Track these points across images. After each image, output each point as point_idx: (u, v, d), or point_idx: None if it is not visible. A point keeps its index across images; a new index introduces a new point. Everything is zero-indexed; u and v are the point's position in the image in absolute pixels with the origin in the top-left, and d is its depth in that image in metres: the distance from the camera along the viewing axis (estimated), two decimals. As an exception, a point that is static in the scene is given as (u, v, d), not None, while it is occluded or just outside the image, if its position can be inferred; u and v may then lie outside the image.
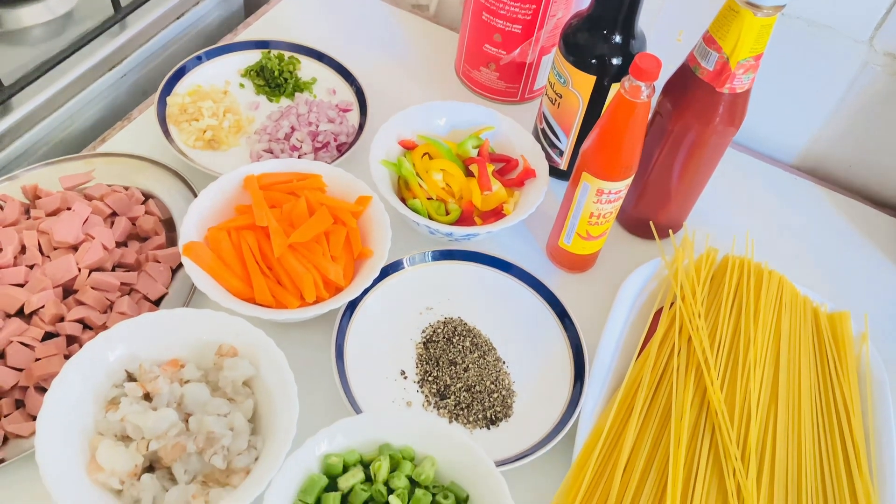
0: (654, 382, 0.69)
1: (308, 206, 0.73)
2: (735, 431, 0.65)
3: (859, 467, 0.66)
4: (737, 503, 0.61)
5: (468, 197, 0.80)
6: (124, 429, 0.59)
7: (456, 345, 0.74)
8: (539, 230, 0.86)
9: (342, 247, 0.72)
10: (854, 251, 0.91)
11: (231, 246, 0.70)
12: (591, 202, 0.73)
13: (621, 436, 0.65)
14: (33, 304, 0.66)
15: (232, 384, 0.62)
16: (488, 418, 0.69)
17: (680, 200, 0.82)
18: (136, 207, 0.77)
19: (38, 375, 0.63)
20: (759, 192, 0.96)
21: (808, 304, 0.78)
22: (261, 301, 0.69)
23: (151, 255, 0.74)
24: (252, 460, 0.59)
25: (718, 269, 0.79)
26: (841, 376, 0.72)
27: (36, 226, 0.72)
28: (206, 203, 0.73)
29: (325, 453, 0.58)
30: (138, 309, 0.70)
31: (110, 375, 0.61)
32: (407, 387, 0.71)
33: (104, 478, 0.56)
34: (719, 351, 0.70)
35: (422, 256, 0.79)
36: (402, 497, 0.56)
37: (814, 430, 0.68)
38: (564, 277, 0.83)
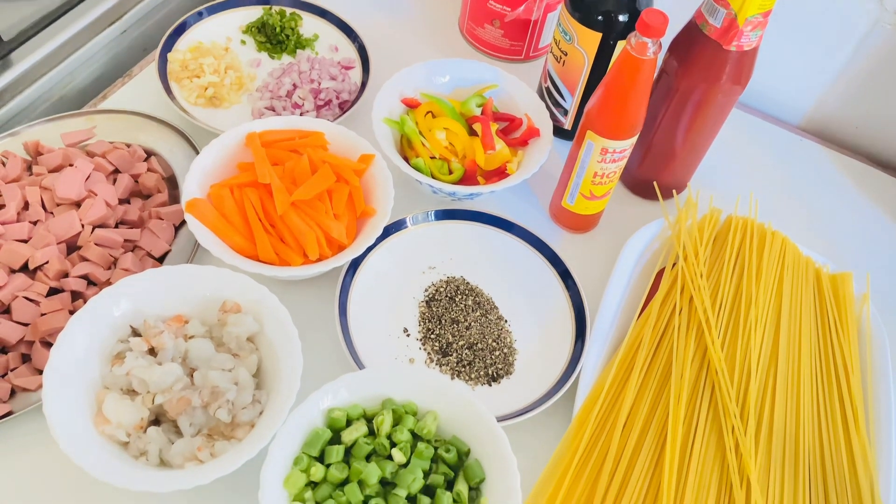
0: (655, 341, 0.69)
1: (310, 163, 0.73)
2: (734, 390, 0.65)
3: (856, 425, 0.66)
4: (735, 459, 0.61)
5: (471, 156, 0.80)
6: (130, 383, 0.60)
7: (458, 303, 0.74)
8: (542, 190, 0.86)
9: (345, 205, 0.72)
10: (858, 213, 0.90)
11: (234, 203, 0.70)
12: (596, 161, 0.73)
13: (621, 393, 0.66)
14: (37, 260, 0.66)
15: (236, 340, 0.63)
16: (490, 375, 0.70)
17: (684, 160, 0.82)
18: (138, 164, 0.77)
19: (44, 330, 0.63)
20: (764, 154, 0.95)
21: (811, 265, 0.78)
22: (264, 258, 0.69)
23: (154, 212, 0.74)
24: (256, 414, 0.60)
25: (721, 230, 0.79)
26: (841, 336, 0.72)
27: (38, 182, 0.72)
28: (209, 160, 0.73)
29: (329, 407, 0.59)
30: (142, 265, 0.70)
31: (115, 330, 0.62)
32: (409, 344, 0.71)
33: (111, 430, 0.57)
34: (720, 311, 0.71)
35: (424, 216, 0.79)
36: (404, 450, 0.57)
37: (813, 388, 0.68)
38: (567, 238, 0.83)
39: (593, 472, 0.61)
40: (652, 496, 0.60)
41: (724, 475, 0.61)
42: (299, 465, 0.56)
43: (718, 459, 0.62)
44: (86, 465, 0.53)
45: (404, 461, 0.57)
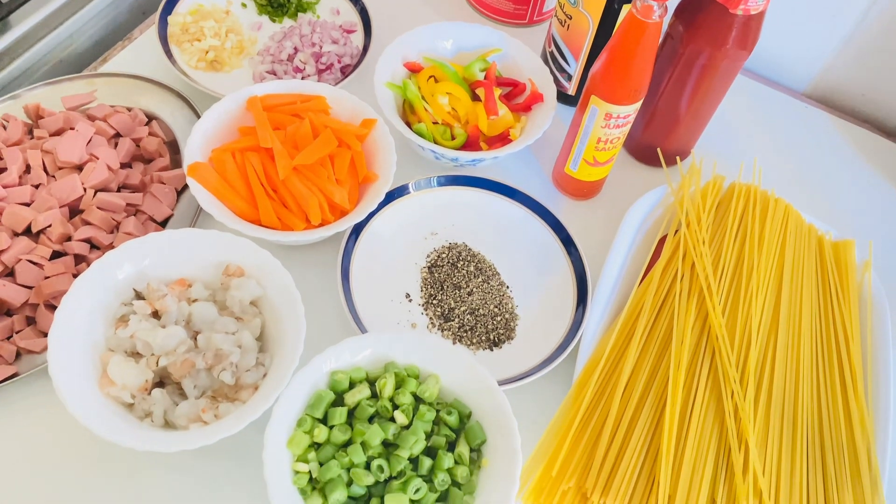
0: (657, 307, 0.70)
1: (312, 128, 0.72)
2: (735, 355, 0.66)
3: (855, 392, 0.67)
4: (733, 424, 0.62)
5: (474, 121, 0.79)
6: (134, 345, 0.60)
7: (460, 269, 0.74)
8: (545, 156, 0.85)
9: (347, 170, 0.72)
10: (863, 180, 0.90)
11: (236, 167, 0.70)
12: (599, 127, 0.72)
13: (622, 358, 0.67)
14: (40, 223, 0.66)
15: (239, 303, 0.63)
16: (491, 340, 0.70)
17: (688, 126, 0.81)
18: (139, 128, 0.76)
19: (48, 293, 0.64)
20: (768, 120, 0.94)
21: (813, 232, 0.78)
22: (266, 223, 0.69)
23: (156, 176, 0.73)
24: (260, 377, 0.60)
25: (725, 197, 0.78)
26: (842, 303, 0.72)
27: (39, 145, 0.71)
28: (210, 124, 0.72)
29: (332, 370, 0.59)
30: (144, 230, 0.70)
31: (119, 293, 0.62)
32: (412, 309, 0.72)
33: (116, 392, 0.58)
34: (722, 277, 0.71)
35: (427, 182, 0.79)
36: (406, 413, 0.58)
37: (812, 354, 0.69)
38: (570, 204, 0.83)
39: (593, 434, 0.62)
40: (651, 459, 0.60)
41: (723, 439, 0.62)
42: (303, 426, 0.56)
43: (717, 424, 0.63)
44: (92, 425, 0.53)
45: (406, 423, 0.58)
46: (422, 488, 0.55)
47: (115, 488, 0.59)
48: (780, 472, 0.61)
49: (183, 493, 0.60)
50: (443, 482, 0.56)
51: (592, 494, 0.58)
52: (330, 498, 0.54)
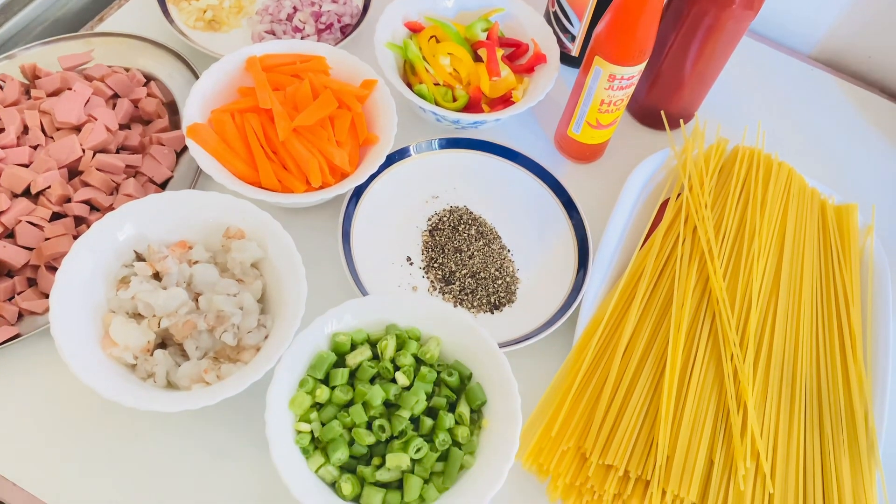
0: (658, 271, 0.70)
1: (312, 89, 0.71)
2: (735, 319, 0.66)
3: (854, 355, 0.67)
4: (732, 386, 0.62)
5: (476, 83, 0.78)
6: (135, 307, 0.60)
7: (461, 233, 0.74)
8: (548, 119, 0.85)
9: (347, 132, 0.71)
10: (868, 144, 0.89)
11: (235, 129, 0.69)
12: (603, 88, 0.71)
13: (622, 321, 0.67)
14: (39, 185, 0.66)
15: (240, 265, 0.63)
16: (492, 303, 0.70)
17: (693, 89, 0.80)
18: (137, 89, 0.75)
19: (49, 254, 0.64)
20: (773, 83, 0.93)
21: (816, 196, 0.78)
22: (266, 185, 0.68)
23: (155, 137, 0.73)
24: (262, 338, 0.60)
25: (728, 160, 0.78)
26: (843, 267, 0.72)
27: (37, 106, 0.71)
28: (209, 85, 0.71)
29: (334, 332, 0.59)
30: (144, 191, 0.70)
31: (119, 255, 0.62)
32: (413, 272, 0.72)
33: (118, 352, 0.58)
34: (724, 241, 0.71)
35: (428, 144, 0.78)
36: (408, 374, 0.58)
37: (813, 318, 0.69)
38: (572, 167, 0.82)
39: (592, 396, 0.63)
40: (650, 420, 0.61)
41: (722, 401, 0.62)
42: (305, 387, 0.57)
43: (716, 386, 0.63)
44: (95, 385, 0.54)
45: (408, 384, 0.58)
46: (423, 448, 0.55)
47: (118, 448, 0.60)
48: (777, 434, 0.61)
49: (185, 453, 0.60)
50: (443, 442, 0.56)
51: (591, 455, 0.58)
52: (332, 457, 0.54)
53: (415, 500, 0.54)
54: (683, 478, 0.57)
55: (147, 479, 0.59)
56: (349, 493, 0.54)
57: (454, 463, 0.56)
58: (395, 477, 0.56)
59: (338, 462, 0.55)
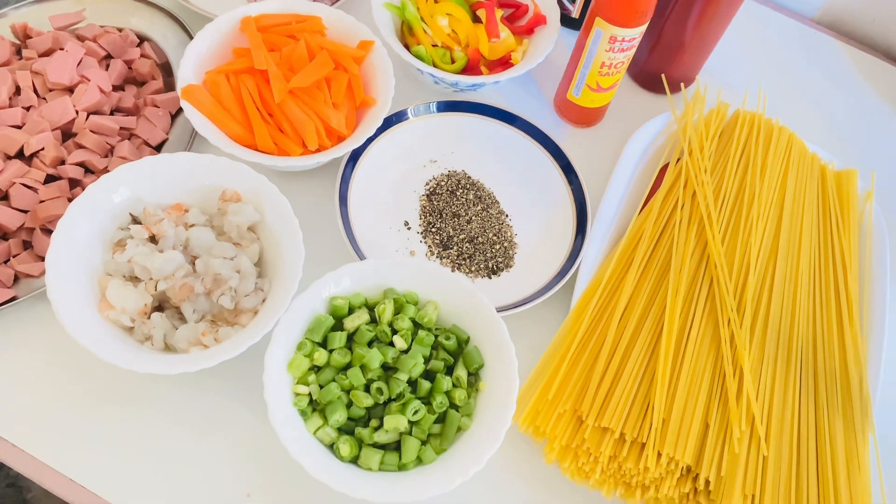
0: (656, 236, 0.69)
1: (308, 49, 0.70)
2: (733, 283, 0.66)
3: (850, 320, 0.67)
4: (729, 350, 0.63)
5: (475, 44, 0.77)
6: (132, 270, 0.60)
7: (459, 198, 0.74)
8: (547, 82, 0.84)
9: (344, 94, 0.70)
10: (870, 109, 0.89)
11: (230, 90, 0.68)
12: (604, 51, 0.70)
13: (620, 285, 0.67)
14: (33, 146, 0.65)
15: (237, 229, 0.62)
16: (490, 268, 0.70)
17: (694, 52, 0.79)
18: (131, 50, 0.74)
19: (43, 217, 0.63)
20: (776, 47, 0.92)
21: (816, 161, 0.77)
22: (262, 148, 0.68)
23: (150, 99, 0.72)
24: (259, 301, 0.60)
25: (728, 125, 0.77)
26: (842, 233, 0.72)
27: (29, 66, 0.70)
28: (203, 46, 0.70)
29: (332, 296, 0.59)
30: (139, 154, 0.69)
31: (115, 218, 0.61)
32: (410, 237, 0.71)
33: (115, 315, 0.58)
34: (723, 206, 0.70)
35: (426, 107, 0.77)
36: (405, 337, 0.58)
37: (810, 283, 0.69)
38: (571, 131, 0.81)
39: (589, 359, 0.63)
40: (646, 384, 0.61)
41: (718, 365, 0.63)
42: (303, 349, 0.57)
43: (713, 350, 0.63)
44: (92, 348, 0.54)
45: (405, 347, 0.58)
46: (420, 410, 0.56)
47: (116, 410, 0.60)
48: (772, 398, 0.62)
49: (184, 415, 0.61)
50: (441, 404, 0.56)
51: (587, 418, 0.59)
52: (330, 419, 0.55)
53: (412, 461, 0.55)
54: (679, 440, 0.58)
55: (145, 442, 0.59)
56: (347, 454, 0.55)
57: (451, 425, 0.56)
58: (392, 439, 0.56)
59: (336, 424, 0.55)
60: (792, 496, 0.58)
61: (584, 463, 0.59)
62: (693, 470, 0.58)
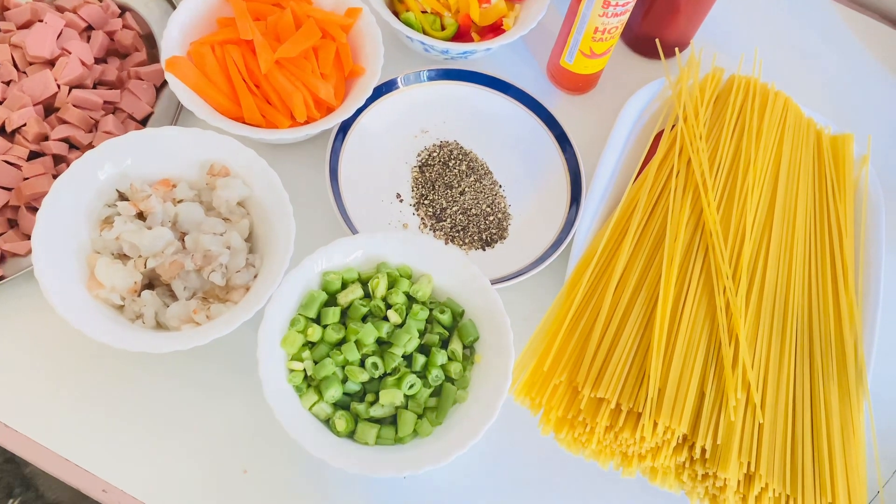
0: (651, 204, 0.69)
1: (294, 18, 0.69)
2: (728, 252, 0.65)
3: (846, 286, 0.67)
4: (724, 319, 0.62)
5: (465, 10, 0.75)
6: (121, 247, 0.59)
7: (452, 168, 0.73)
8: (540, 49, 0.82)
9: (332, 64, 0.69)
10: (866, 72, 0.88)
11: (216, 62, 0.67)
12: (597, 15, 0.69)
13: (615, 255, 0.66)
14: (14, 122, 0.63)
15: (226, 204, 0.61)
16: (483, 240, 0.70)
17: (688, 15, 0.78)
18: (112, 21, 0.72)
19: (28, 195, 0.62)
20: (771, 9, 0.91)
21: (812, 126, 0.76)
22: (250, 120, 0.66)
23: (133, 72, 0.70)
24: (251, 278, 0.60)
25: (723, 90, 0.76)
26: (837, 198, 0.72)
27: (7, 39, 0.68)
28: (187, 16, 0.68)
29: (324, 270, 0.59)
30: (124, 128, 0.67)
31: (101, 194, 0.60)
32: (403, 209, 0.70)
33: (105, 294, 0.57)
34: (718, 172, 0.70)
35: (416, 76, 0.76)
36: (399, 312, 0.58)
37: (806, 250, 0.69)
38: (565, 99, 0.80)
39: (584, 330, 0.62)
40: (641, 353, 0.61)
41: (714, 333, 0.62)
42: (296, 326, 0.56)
43: (708, 319, 0.63)
44: (83, 327, 0.53)
45: (400, 322, 0.58)
46: (416, 384, 0.55)
47: (108, 390, 0.60)
48: (768, 366, 0.62)
49: (177, 394, 0.60)
50: (436, 378, 0.56)
51: (583, 388, 0.59)
52: (325, 394, 0.54)
53: (409, 434, 0.55)
54: (675, 410, 0.58)
55: (139, 420, 0.59)
56: (343, 429, 0.54)
57: (447, 398, 0.56)
58: (388, 413, 0.56)
59: (331, 399, 0.55)
60: (787, 462, 0.58)
61: (580, 434, 0.59)
62: (689, 439, 0.58)
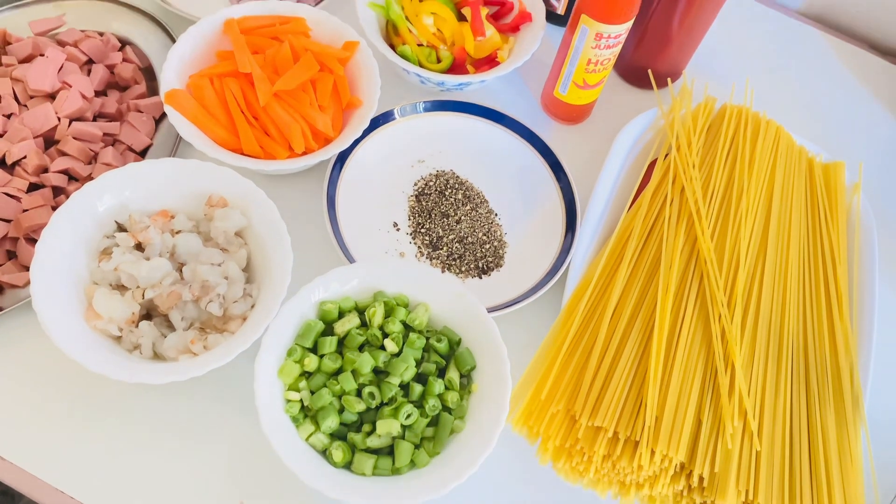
0: (646, 232, 0.69)
1: (292, 51, 0.70)
2: (723, 279, 0.66)
3: (840, 313, 0.68)
4: (720, 346, 0.63)
5: (460, 43, 0.76)
6: (119, 278, 0.59)
7: (448, 197, 0.73)
8: (534, 80, 0.83)
9: (329, 96, 0.70)
10: (856, 101, 0.89)
11: (214, 94, 0.68)
12: (590, 48, 0.70)
13: (610, 283, 0.67)
14: (14, 155, 0.64)
15: (224, 234, 0.62)
16: (480, 268, 0.70)
17: (680, 46, 0.79)
18: (112, 54, 0.73)
19: (27, 226, 0.62)
20: (762, 40, 0.92)
21: (804, 154, 0.77)
22: (248, 151, 0.67)
23: (133, 104, 0.71)
24: (248, 307, 0.60)
25: (716, 119, 0.77)
26: (830, 226, 0.72)
27: (9, 73, 0.69)
28: (186, 49, 0.69)
29: (321, 300, 0.59)
30: (123, 160, 0.68)
31: (100, 226, 0.61)
32: (400, 238, 0.71)
33: (102, 325, 0.57)
34: (712, 201, 0.70)
35: (412, 107, 0.77)
36: (396, 340, 0.58)
37: (800, 277, 0.69)
38: (559, 129, 0.81)
39: (581, 358, 0.63)
40: (638, 381, 0.61)
41: (710, 361, 0.63)
42: (293, 356, 0.56)
43: (704, 346, 0.63)
44: (80, 358, 0.53)
45: (397, 351, 0.58)
46: (413, 413, 0.55)
47: (105, 421, 0.60)
48: (764, 393, 0.62)
49: (175, 425, 0.60)
50: (433, 407, 0.56)
51: (581, 417, 0.59)
52: (322, 425, 0.54)
53: (406, 465, 0.55)
54: (672, 438, 0.58)
55: (136, 451, 0.59)
56: (340, 459, 0.54)
57: (444, 428, 0.56)
58: (385, 443, 0.56)
59: (328, 430, 0.55)
60: (785, 490, 0.58)
61: (577, 462, 0.59)
62: (687, 467, 0.58)
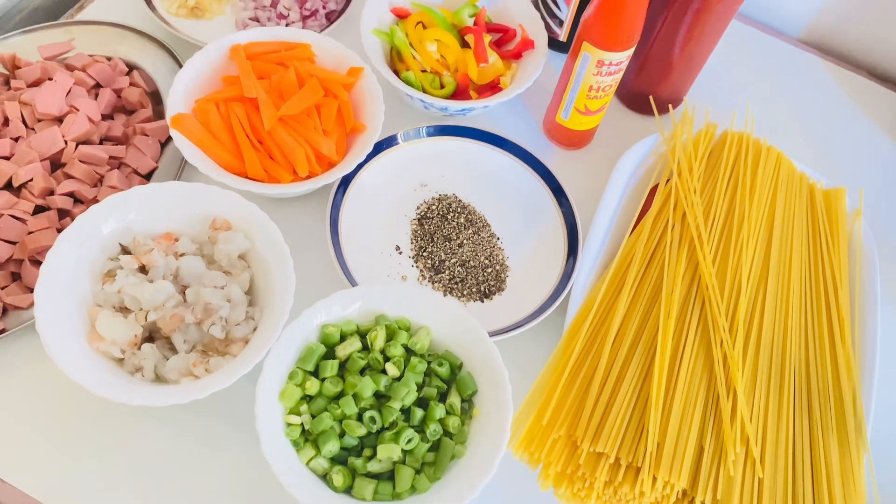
0: (647, 257, 0.70)
1: (297, 77, 0.71)
2: (724, 304, 0.66)
3: (842, 339, 0.67)
4: (722, 372, 0.62)
5: (463, 69, 0.77)
6: (122, 300, 0.59)
7: (450, 221, 0.74)
8: (536, 106, 0.84)
9: (334, 121, 0.71)
10: (856, 127, 0.89)
11: (220, 118, 0.68)
12: (591, 74, 0.71)
13: (612, 308, 0.67)
14: (21, 177, 0.65)
15: (227, 257, 0.62)
16: (482, 292, 0.70)
17: (681, 73, 0.80)
18: (120, 79, 0.74)
19: (32, 248, 0.63)
20: (762, 67, 0.93)
21: (805, 180, 0.78)
22: (253, 175, 0.68)
23: (139, 128, 0.72)
24: (250, 330, 0.60)
25: (717, 145, 0.78)
26: (832, 252, 0.73)
27: (17, 97, 0.70)
28: (193, 74, 0.70)
29: (323, 324, 0.59)
30: (128, 183, 0.69)
31: (105, 248, 0.61)
32: (402, 262, 0.71)
33: (105, 347, 0.57)
34: (713, 226, 0.70)
35: (416, 132, 0.77)
36: (398, 364, 0.58)
37: (801, 303, 0.69)
38: (561, 154, 0.82)
39: (583, 384, 0.62)
40: (640, 407, 0.61)
41: (712, 387, 0.62)
42: (294, 379, 0.56)
43: (706, 372, 0.63)
44: (82, 380, 0.53)
45: (398, 375, 0.58)
46: (414, 438, 0.55)
47: (106, 443, 0.59)
48: (766, 419, 0.62)
49: (175, 446, 0.60)
50: (434, 432, 0.56)
51: (582, 443, 0.59)
52: (322, 449, 0.54)
53: (406, 490, 0.54)
54: (674, 464, 0.57)
55: (136, 474, 0.58)
56: (340, 484, 0.54)
57: (445, 453, 0.56)
58: (386, 468, 0.55)
59: (329, 454, 0.55)
60: (789, 518, 0.57)
61: (579, 489, 0.58)
62: (689, 493, 0.57)
